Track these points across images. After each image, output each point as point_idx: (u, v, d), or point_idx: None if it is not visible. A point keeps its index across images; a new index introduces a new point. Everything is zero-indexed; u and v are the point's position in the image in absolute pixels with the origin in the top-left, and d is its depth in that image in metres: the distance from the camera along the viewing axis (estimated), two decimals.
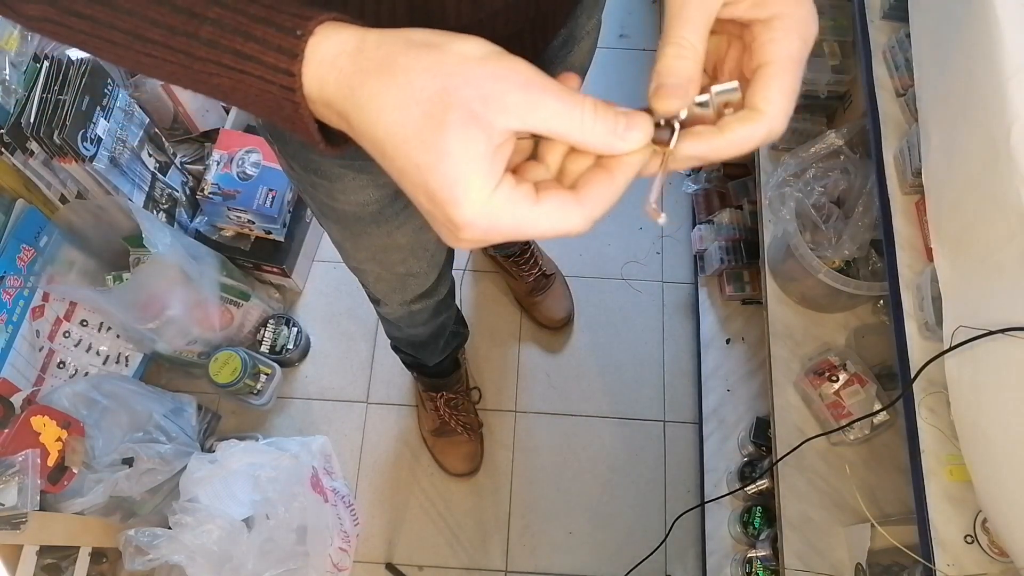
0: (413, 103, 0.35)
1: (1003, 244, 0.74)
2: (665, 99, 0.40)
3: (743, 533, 1.51)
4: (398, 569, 1.68)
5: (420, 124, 0.35)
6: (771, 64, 0.42)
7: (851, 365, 1.30)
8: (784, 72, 0.42)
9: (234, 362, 1.64)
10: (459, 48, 0.36)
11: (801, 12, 0.42)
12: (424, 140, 0.36)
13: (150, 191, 1.65)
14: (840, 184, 1.30)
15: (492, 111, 0.36)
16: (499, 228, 0.38)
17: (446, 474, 1.76)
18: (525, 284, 1.84)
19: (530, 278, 1.83)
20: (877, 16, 1.11)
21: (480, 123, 0.36)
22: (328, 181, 0.85)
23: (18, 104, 1.36)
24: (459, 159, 0.35)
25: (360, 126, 0.37)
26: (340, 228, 1.00)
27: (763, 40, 0.42)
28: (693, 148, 0.42)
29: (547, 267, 1.87)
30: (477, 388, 1.83)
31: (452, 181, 0.36)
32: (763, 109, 0.41)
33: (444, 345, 1.55)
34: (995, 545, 0.83)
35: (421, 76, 0.35)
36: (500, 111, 0.36)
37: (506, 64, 0.36)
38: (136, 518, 1.53)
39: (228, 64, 0.39)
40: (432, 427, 1.75)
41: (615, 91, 2.18)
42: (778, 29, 0.42)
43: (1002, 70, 0.73)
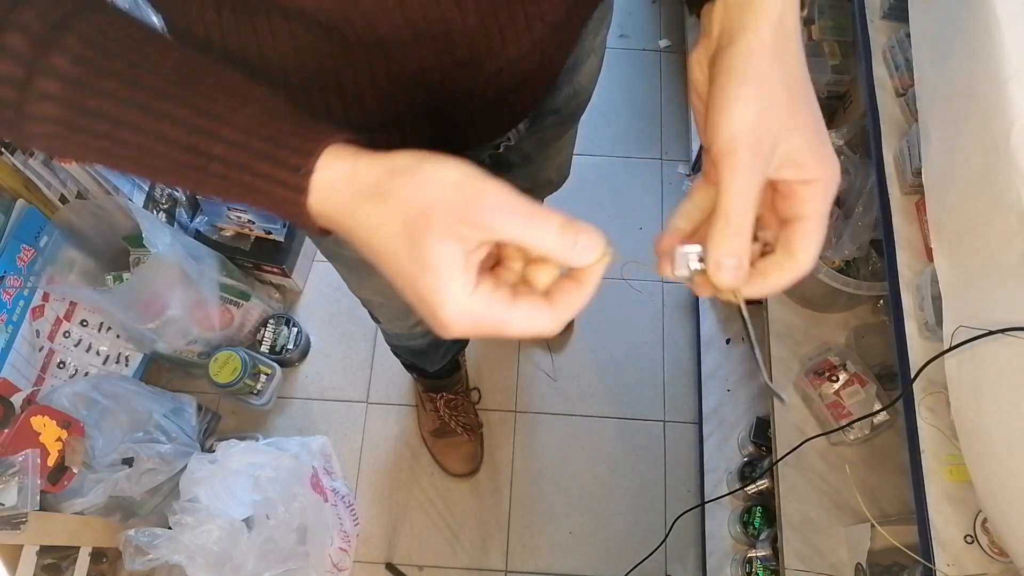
0: (399, 223, 0.41)
1: (1003, 244, 0.74)
2: (726, 278, 0.46)
3: (743, 533, 1.51)
4: (398, 569, 1.68)
5: (405, 241, 0.41)
6: (809, 220, 0.46)
7: (851, 365, 1.30)
8: (820, 227, 0.47)
9: (234, 362, 1.64)
10: (436, 174, 0.41)
11: (834, 175, 0.47)
12: (410, 254, 0.41)
13: (150, 191, 1.65)
14: (840, 184, 1.30)
15: (465, 228, 0.41)
16: (479, 325, 0.43)
17: (446, 474, 1.76)
18: None
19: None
20: (877, 16, 1.10)
21: (455, 238, 0.41)
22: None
23: None
24: (439, 270, 0.41)
25: (358, 239, 0.43)
26: (347, 270, 1.04)
27: (802, 197, 0.46)
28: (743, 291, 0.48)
29: None
30: (477, 389, 1.83)
31: (435, 288, 0.41)
32: (800, 258, 0.46)
33: (444, 352, 1.55)
34: (995, 545, 0.83)
35: (405, 201, 0.41)
36: (473, 227, 0.41)
37: (478, 187, 0.41)
38: (136, 518, 1.53)
39: (237, 193, 0.45)
40: (432, 427, 1.75)
41: (615, 91, 2.18)
42: (817, 190, 0.46)
43: (1002, 70, 0.73)
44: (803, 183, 0.46)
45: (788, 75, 0.45)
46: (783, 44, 0.46)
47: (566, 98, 0.88)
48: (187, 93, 0.44)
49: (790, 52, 0.46)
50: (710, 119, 0.45)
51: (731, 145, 0.44)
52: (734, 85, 0.44)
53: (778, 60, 0.45)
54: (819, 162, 0.46)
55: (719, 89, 0.45)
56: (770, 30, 0.45)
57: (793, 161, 0.45)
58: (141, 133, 0.44)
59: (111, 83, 0.44)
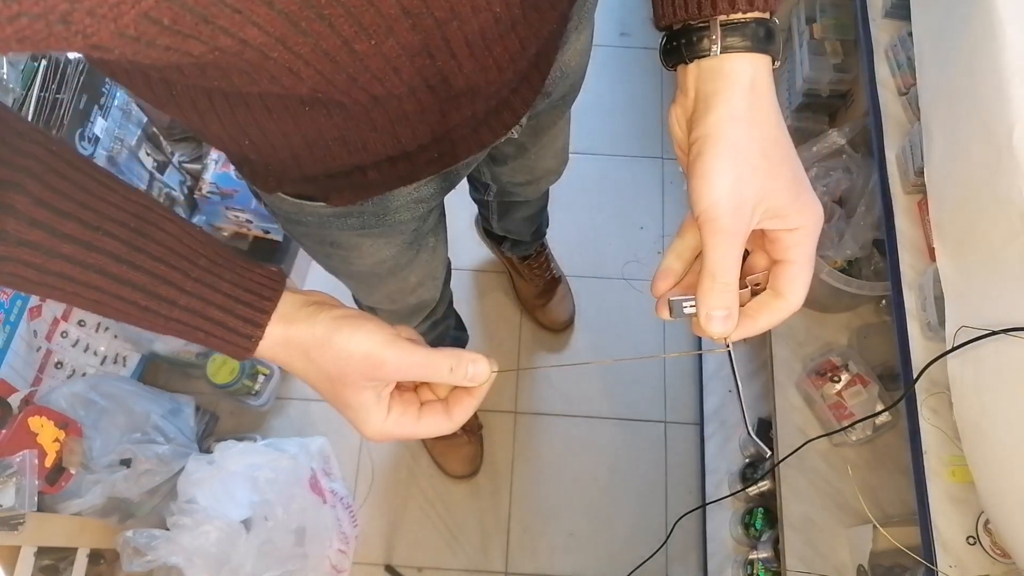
0: (324, 378, 0.54)
1: (1006, 244, 0.74)
2: (716, 328, 0.50)
3: (744, 535, 1.50)
4: (397, 571, 1.67)
5: (330, 388, 0.55)
6: (796, 263, 0.50)
7: (853, 365, 1.29)
8: (807, 269, 0.50)
9: (232, 363, 1.64)
10: (346, 349, 0.52)
11: (817, 220, 0.50)
12: (334, 395, 0.55)
13: (148, 190, 1.65)
14: (842, 183, 1.30)
15: (375, 379, 0.54)
16: (394, 437, 0.57)
17: (446, 476, 1.76)
18: (534, 287, 1.85)
19: (540, 281, 1.84)
20: (879, 15, 1.10)
21: (368, 387, 0.54)
22: (345, 250, 0.89)
23: (16, 103, 1.35)
24: (358, 409, 0.55)
25: (294, 374, 0.56)
26: (355, 283, 1.06)
27: (787, 243, 0.50)
28: (739, 333, 0.52)
29: (556, 270, 1.88)
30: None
31: (356, 419, 0.56)
32: (789, 299, 0.50)
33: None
34: (997, 546, 0.82)
35: (325, 366, 0.53)
36: (382, 378, 0.54)
37: (381, 359, 0.52)
38: (134, 519, 1.52)
39: (191, 340, 0.54)
40: None
41: (616, 89, 2.18)
42: (800, 236, 0.49)
43: (1005, 69, 0.72)
44: (787, 231, 0.49)
45: (763, 138, 0.47)
46: (756, 108, 0.47)
47: (554, 80, 0.86)
48: (140, 256, 0.50)
49: (764, 114, 0.48)
50: (691, 186, 0.48)
51: (712, 213, 0.46)
52: (711, 156, 0.46)
53: (753, 125, 0.47)
54: (800, 212, 0.49)
55: (698, 158, 0.47)
56: (743, 97, 0.47)
57: (775, 215, 0.48)
58: (100, 293, 0.50)
59: (68, 247, 0.48)
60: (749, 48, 0.47)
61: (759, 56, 0.48)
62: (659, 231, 2.01)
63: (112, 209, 0.50)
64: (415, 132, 0.63)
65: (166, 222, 0.52)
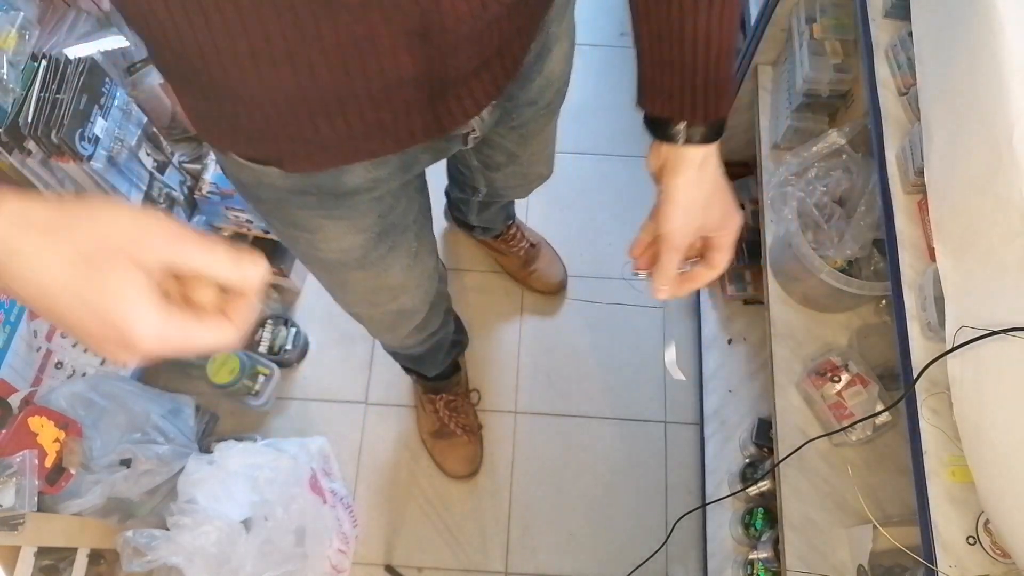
0: (74, 257, 0.42)
1: (1006, 244, 0.74)
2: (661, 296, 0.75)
3: (744, 535, 1.50)
4: (397, 571, 1.67)
5: (83, 272, 0.42)
6: (721, 249, 0.75)
7: (853, 366, 1.29)
8: (729, 251, 0.75)
9: (232, 363, 1.64)
10: (110, 212, 0.44)
11: (737, 225, 0.74)
12: (90, 285, 0.43)
13: (148, 190, 1.64)
14: (842, 183, 1.30)
15: (148, 255, 0.44)
16: (170, 341, 0.45)
17: (445, 476, 1.76)
18: (516, 259, 1.89)
19: (520, 252, 1.88)
20: (879, 15, 1.10)
21: (138, 267, 0.43)
22: (309, 232, 0.88)
23: (16, 103, 1.35)
24: (128, 297, 0.43)
25: (14, 273, 0.43)
26: (327, 275, 1.03)
27: (717, 240, 0.75)
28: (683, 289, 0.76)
29: (532, 238, 1.91)
30: (476, 390, 1.82)
31: (125, 314, 0.43)
32: (716, 268, 0.75)
33: (444, 357, 1.55)
34: (997, 546, 0.82)
35: (81, 236, 0.43)
36: (153, 254, 0.44)
37: (152, 220, 0.45)
38: (134, 519, 1.52)
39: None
40: (431, 429, 1.75)
41: (616, 89, 2.18)
42: (726, 234, 0.74)
43: (1005, 69, 0.73)
44: (717, 235, 0.74)
45: (706, 193, 0.72)
46: (703, 175, 0.70)
47: (539, 89, 0.90)
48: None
49: (708, 177, 0.71)
50: (657, 215, 0.71)
51: (668, 237, 0.71)
52: (671, 204, 0.70)
53: (699, 187, 0.71)
54: (725, 222, 0.74)
55: (664, 203, 0.71)
56: (694, 170, 0.70)
57: (710, 230, 0.73)
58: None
59: None
60: (703, 141, 0.69)
61: (710, 145, 0.69)
62: None
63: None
64: (364, 66, 0.60)
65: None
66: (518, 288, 1.93)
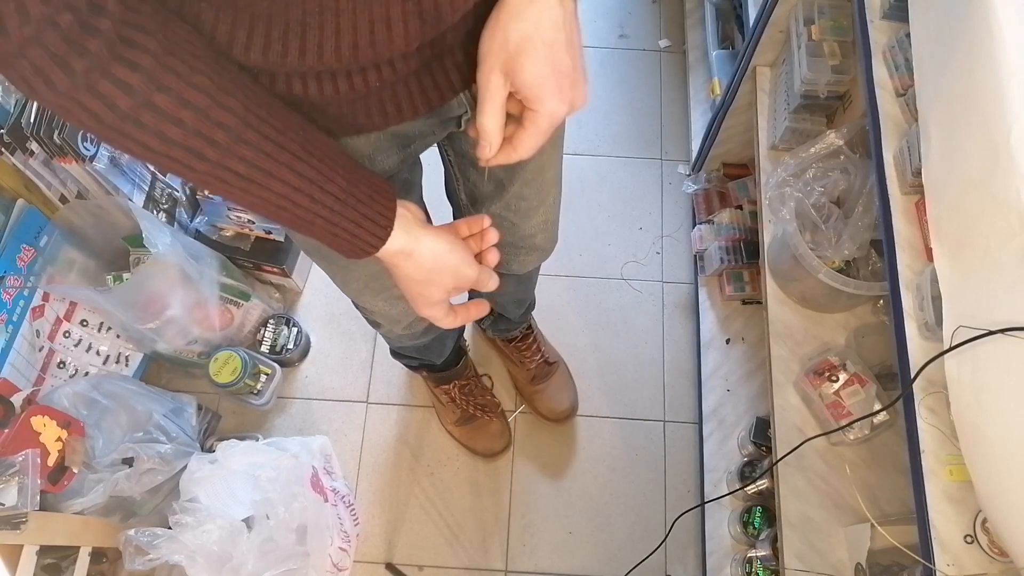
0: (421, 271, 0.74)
1: (1003, 244, 0.74)
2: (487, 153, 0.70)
3: (743, 533, 1.51)
4: (398, 569, 1.68)
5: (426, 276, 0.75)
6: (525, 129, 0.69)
7: (851, 365, 1.30)
8: (531, 135, 0.69)
9: (234, 362, 1.65)
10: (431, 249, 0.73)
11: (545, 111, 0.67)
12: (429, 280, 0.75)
13: (150, 191, 1.65)
14: (840, 184, 1.30)
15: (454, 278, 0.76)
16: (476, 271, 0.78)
17: (479, 458, 1.76)
18: (527, 371, 1.76)
19: (532, 364, 1.76)
20: (877, 16, 1.10)
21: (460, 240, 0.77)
22: None
23: (18, 104, 1.36)
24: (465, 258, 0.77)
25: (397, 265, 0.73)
26: (327, 263, 1.04)
27: (526, 114, 0.68)
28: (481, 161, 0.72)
29: (550, 354, 1.79)
30: (488, 375, 1.83)
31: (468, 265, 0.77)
32: (515, 147, 0.70)
33: (450, 342, 1.55)
34: (995, 545, 0.83)
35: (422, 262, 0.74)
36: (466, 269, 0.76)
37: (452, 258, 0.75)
38: (136, 518, 1.53)
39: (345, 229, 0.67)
40: (454, 419, 1.75)
41: (615, 90, 2.19)
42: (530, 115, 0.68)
43: (1002, 70, 0.73)
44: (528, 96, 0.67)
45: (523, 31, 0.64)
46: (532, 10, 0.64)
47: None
48: (312, 158, 0.62)
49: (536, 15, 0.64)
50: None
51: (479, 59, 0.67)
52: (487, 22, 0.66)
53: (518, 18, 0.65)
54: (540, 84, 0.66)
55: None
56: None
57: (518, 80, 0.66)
58: (286, 186, 0.61)
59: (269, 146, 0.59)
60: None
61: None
62: (658, 231, 2.01)
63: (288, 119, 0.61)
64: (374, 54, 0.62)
65: (320, 132, 0.65)
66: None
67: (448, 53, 0.71)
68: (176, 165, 0.57)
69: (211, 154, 0.56)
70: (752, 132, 1.56)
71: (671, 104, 2.17)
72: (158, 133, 0.54)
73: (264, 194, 0.61)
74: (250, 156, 0.58)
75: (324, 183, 0.63)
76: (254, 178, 0.59)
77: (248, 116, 0.57)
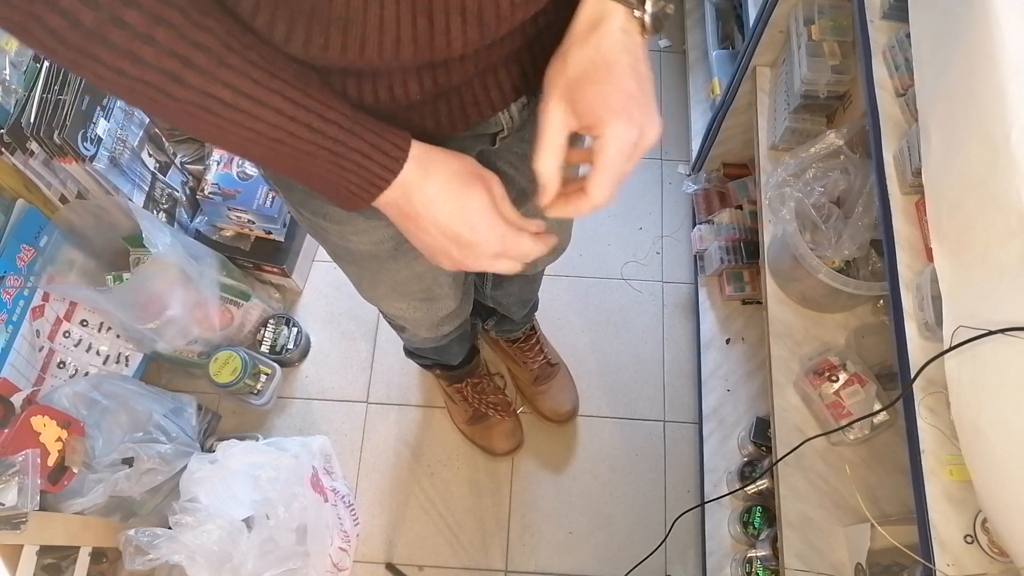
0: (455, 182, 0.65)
1: (1003, 244, 0.74)
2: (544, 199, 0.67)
3: (743, 533, 1.51)
4: (398, 569, 1.68)
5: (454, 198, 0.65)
6: (595, 167, 0.64)
7: (851, 365, 1.30)
8: (602, 172, 0.64)
9: (234, 362, 1.65)
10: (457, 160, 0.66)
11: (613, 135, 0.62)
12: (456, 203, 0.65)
13: (150, 191, 1.65)
14: (840, 184, 1.30)
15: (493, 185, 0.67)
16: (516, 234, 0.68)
17: (491, 457, 1.76)
18: (529, 372, 1.77)
19: (534, 365, 1.76)
20: (877, 16, 1.10)
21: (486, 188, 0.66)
22: (338, 224, 0.86)
23: (18, 104, 1.36)
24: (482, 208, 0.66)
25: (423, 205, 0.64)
26: (357, 268, 1.00)
27: (595, 149, 0.64)
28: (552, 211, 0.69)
29: (552, 356, 1.80)
30: (500, 374, 1.83)
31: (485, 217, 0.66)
32: (588, 193, 0.65)
33: (467, 343, 1.55)
34: (995, 545, 0.83)
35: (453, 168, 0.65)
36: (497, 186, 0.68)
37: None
38: (136, 518, 1.53)
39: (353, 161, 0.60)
40: (465, 418, 1.75)
41: None
42: (598, 145, 0.63)
43: (1002, 70, 0.73)
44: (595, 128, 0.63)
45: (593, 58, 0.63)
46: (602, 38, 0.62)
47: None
48: (310, 87, 0.56)
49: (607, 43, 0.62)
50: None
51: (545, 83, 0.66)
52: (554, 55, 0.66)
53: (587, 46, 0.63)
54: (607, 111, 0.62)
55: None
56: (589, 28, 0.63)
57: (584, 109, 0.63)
58: (279, 116, 0.55)
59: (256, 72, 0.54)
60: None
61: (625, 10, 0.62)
62: (658, 231, 2.01)
63: (276, 52, 0.56)
64: (416, 52, 0.60)
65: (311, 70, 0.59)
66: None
67: (491, 71, 0.69)
68: (155, 93, 0.52)
69: (192, 79, 0.51)
70: (752, 132, 1.57)
71: (671, 104, 2.17)
72: (129, 53, 0.49)
73: (257, 126, 0.55)
74: (235, 81, 0.53)
75: (325, 111, 0.57)
76: (242, 106, 0.54)
77: (230, 40, 0.52)
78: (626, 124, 0.62)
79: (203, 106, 0.53)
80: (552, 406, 1.78)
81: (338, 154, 0.59)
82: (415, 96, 0.65)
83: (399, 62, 0.60)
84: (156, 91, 0.52)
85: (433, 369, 1.67)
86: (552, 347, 1.83)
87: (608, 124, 0.62)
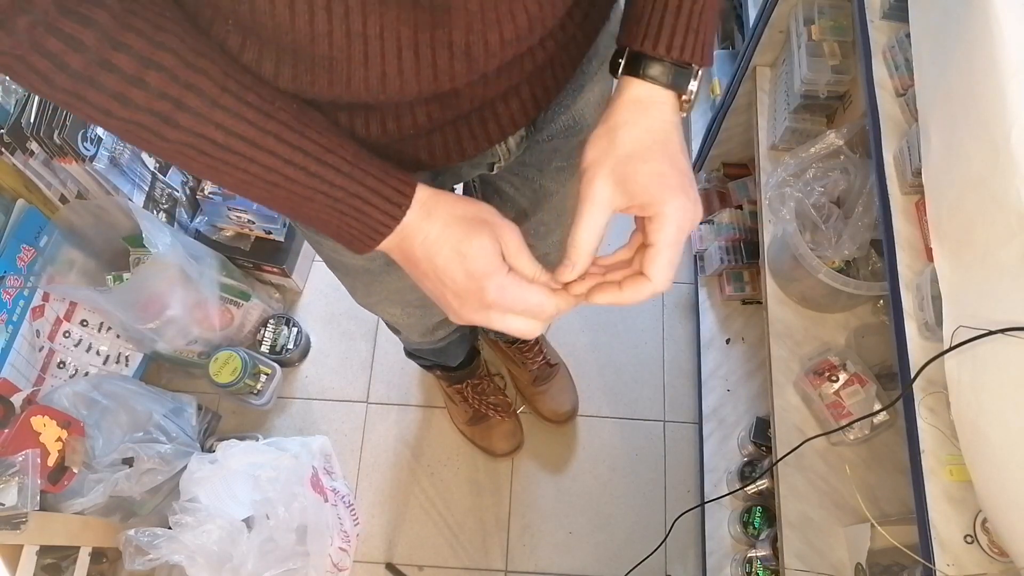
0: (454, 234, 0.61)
1: (1003, 244, 0.74)
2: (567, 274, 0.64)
3: (743, 533, 1.51)
4: (398, 569, 1.68)
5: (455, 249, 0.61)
6: (654, 246, 0.62)
7: (851, 365, 1.30)
8: (663, 252, 0.62)
9: (234, 362, 1.65)
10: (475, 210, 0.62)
11: (673, 212, 0.61)
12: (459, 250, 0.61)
13: (150, 191, 1.65)
14: (840, 184, 1.30)
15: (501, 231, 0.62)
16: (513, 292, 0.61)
17: (490, 457, 1.76)
18: (529, 373, 1.77)
19: (534, 366, 1.76)
20: (877, 16, 1.10)
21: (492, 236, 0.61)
22: (330, 239, 0.85)
23: (18, 104, 1.36)
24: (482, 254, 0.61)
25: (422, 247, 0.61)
26: (351, 279, 1.01)
27: (650, 229, 0.62)
28: (603, 298, 0.65)
29: (551, 356, 1.80)
30: (500, 374, 1.83)
31: (484, 263, 0.60)
32: (650, 276, 0.62)
33: (466, 345, 1.55)
34: (995, 545, 0.83)
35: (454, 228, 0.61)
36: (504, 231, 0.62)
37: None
38: (136, 518, 1.53)
39: (353, 207, 0.58)
40: (465, 419, 1.76)
41: None
42: (657, 223, 0.61)
43: (1002, 70, 0.73)
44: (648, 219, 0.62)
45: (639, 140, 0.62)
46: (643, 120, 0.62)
47: (564, 128, 0.84)
48: (309, 129, 0.56)
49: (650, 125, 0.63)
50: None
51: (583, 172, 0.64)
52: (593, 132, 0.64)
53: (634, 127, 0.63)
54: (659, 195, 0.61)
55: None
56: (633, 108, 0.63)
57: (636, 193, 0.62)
58: (274, 158, 0.55)
59: (251, 114, 0.53)
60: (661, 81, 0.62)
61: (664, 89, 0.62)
62: None
63: (277, 92, 0.55)
64: (402, 86, 0.59)
65: (315, 111, 0.58)
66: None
67: (488, 106, 0.69)
68: (146, 133, 0.52)
69: (184, 120, 0.51)
70: (752, 132, 1.57)
71: None
72: (119, 96, 0.49)
73: (251, 168, 0.55)
74: (228, 123, 0.52)
75: (322, 154, 0.56)
76: (235, 148, 0.53)
77: (226, 81, 0.52)
78: (684, 201, 0.61)
79: (195, 147, 0.53)
80: (552, 406, 1.78)
81: (336, 199, 0.57)
82: (408, 130, 0.65)
83: (387, 96, 0.59)
84: (147, 131, 0.52)
85: (433, 370, 1.68)
86: (552, 347, 1.83)
87: (667, 203, 0.61)
